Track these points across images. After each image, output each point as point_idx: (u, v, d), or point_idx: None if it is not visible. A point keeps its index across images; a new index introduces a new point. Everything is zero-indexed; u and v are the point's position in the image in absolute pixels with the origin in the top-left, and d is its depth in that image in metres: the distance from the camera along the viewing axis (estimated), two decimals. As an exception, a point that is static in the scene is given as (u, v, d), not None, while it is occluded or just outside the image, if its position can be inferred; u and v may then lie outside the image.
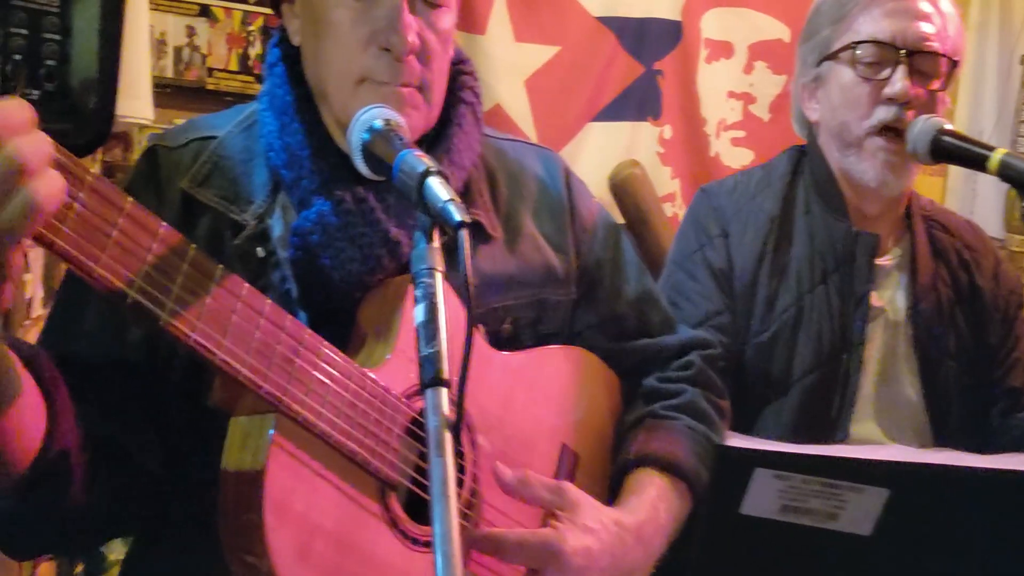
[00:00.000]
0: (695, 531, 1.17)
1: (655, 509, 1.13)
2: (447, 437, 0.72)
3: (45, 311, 2.05)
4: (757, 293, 1.51)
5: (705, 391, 1.27)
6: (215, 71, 2.97)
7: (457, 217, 0.78)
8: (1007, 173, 1.35)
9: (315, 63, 1.08)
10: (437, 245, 0.80)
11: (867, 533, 1.08)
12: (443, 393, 0.74)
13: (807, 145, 1.61)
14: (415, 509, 1.00)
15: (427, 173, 0.82)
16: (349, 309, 1.04)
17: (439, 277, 0.79)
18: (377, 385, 0.97)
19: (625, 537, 1.07)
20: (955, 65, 1.50)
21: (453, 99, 1.16)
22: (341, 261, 1.03)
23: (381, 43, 1.03)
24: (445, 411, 0.73)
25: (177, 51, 2.94)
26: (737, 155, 3.10)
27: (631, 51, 2.99)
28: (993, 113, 3.42)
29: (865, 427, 1.50)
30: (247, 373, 0.86)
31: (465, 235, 0.78)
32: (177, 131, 1.15)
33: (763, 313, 1.51)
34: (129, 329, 1.04)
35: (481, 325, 1.12)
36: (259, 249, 1.05)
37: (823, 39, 1.53)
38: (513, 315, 1.17)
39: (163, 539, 1.08)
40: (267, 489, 0.88)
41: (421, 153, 0.86)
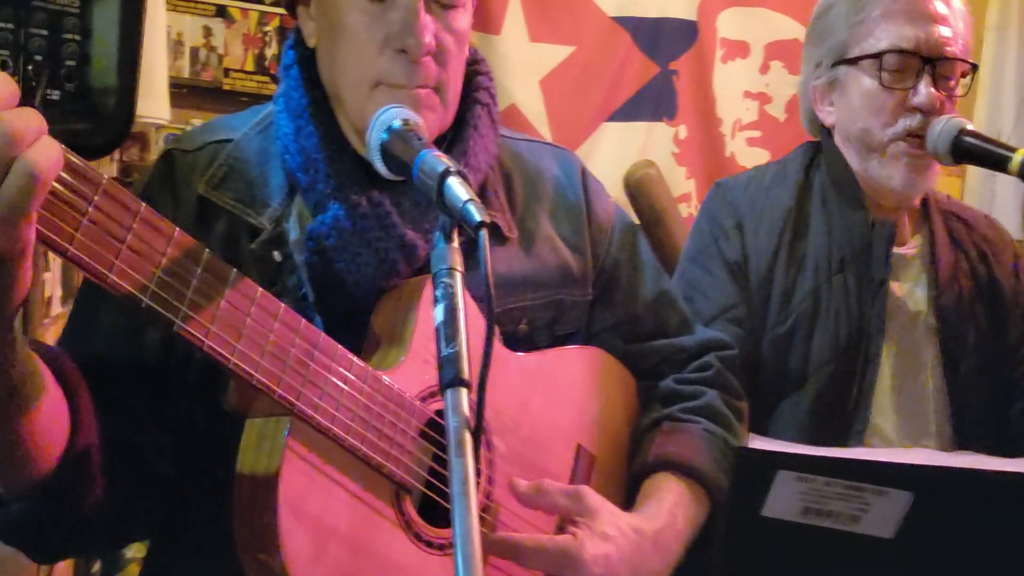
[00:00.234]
0: (714, 534, 1.16)
1: (673, 515, 1.12)
2: (467, 438, 0.71)
3: (64, 310, 2.07)
4: (773, 285, 1.51)
5: (723, 393, 1.26)
6: (231, 71, 2.99)
7: (478, 217, 0.78)
8: (1030, 174, 1.34)
9: (330, 66, 1.08)
10: (457, 245, 0.80)
11: (889, 536, 1.07)
12: (463, 394, 0.74)
13: (822, 141, 1.60)
14: (429, 512, 1.01)
15: (447, 173, 0.82)
16: (364, 313, 1.04)
17: (459, 277, 0.78)
18: (392, 388, 0.97)
19: (643, 544, 1.07)
20: (975, 69, 1.50)
21: (468, 100, 1.16)
22: (356, 265, 1.03)
23: (397, 45, 1.03)
24: (465, 412, 0.73)
25: (194, 51, 2.96)
26: (753, 155, 3.09)
27: (646, 51, 2.98)
28: (1012, 114, 3.39)
29: (884, 420, 1.49)
30: (261, 377, 0.86)
31: (485, 235, 0.77)
32: (193, 134, 1.15)
33: (780, 305, 1.50)
34: (145, 332, 1.04)
35: (497, 326, 1.12)
36: (276, 253, 1.05)
37: (838, 43, 1.52)
38: (529, 316, 1.17)
39: (179, 539, 1.09)
40: (282, 492, 0.88)
41: (440, 153, 0.86)
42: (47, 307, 2.03)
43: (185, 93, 2.83)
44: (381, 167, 0.95)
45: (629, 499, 1.18)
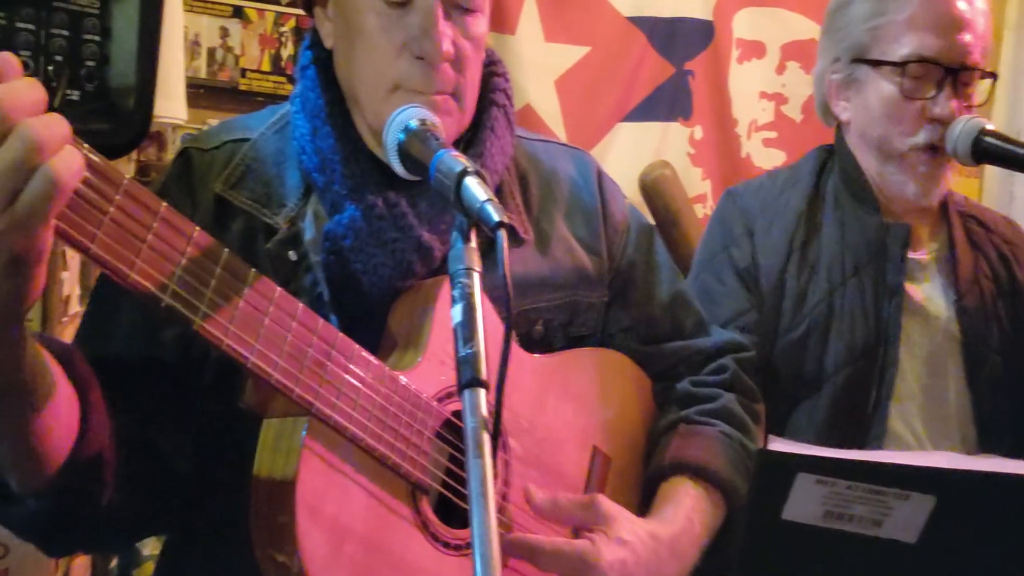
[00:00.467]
0: (731, 538, 1.16)
1: (690, 520, 1.12)
2: (485, 439, 0.71)
3: (82, 309, 2.08)
4: (786, 290, 1.50)
5: (740, 396, 1.26)
6: (248, 72, 3.00)
7: (496, 217, 0.78)
8: (1051, 175, 1.33)
9: (348, 68, 1.08)
10: (474, 245, 0.80)
11: (912, 541, 1.06)
12: (481, 394, 0.74)
13: (835, 140, 1.60)
14: (446, 512, 1.00)
15: (465, 173, 0.82)
16: (380, 313, 1.04)
17: (476, 277, 0.78)
18: (408, 388, 0.97)
19: (660, 550, 1.06)
20: (994, 79, 1.49)
21: (485, 101, 1.15)
22: (373, 266, 1.03)
23: (415, 51, 1.03)
24: (483, 413, 0.73)
25: (210, 52, 2.97)
26: (769, 156, 3.07)
27: (662, 51, 2.97)
28: (1032, 113, 3.35)
29: (903, 425, 1.47)
30: (279, 376, 0.86)
31: (503, 235, 0.77)
32: (211, 133, 1.16)
33: (793, 310, 1.49)
34: (162, 330, 1.04)
35: (512, 328, 1.11)
36: (291, 253, 1.05)
37: (857, 41, 1.50)
38: (545, 317, 1.17)
39: (195, 537, 1.09)
40: (299, 492, 0.88)
41: (458, 153, 0.86)
42: (65, 306, 2.04)
43: (202, 93, 2.84)
44: (398, 167, 0.95)
45: (645, 502, 1.17)
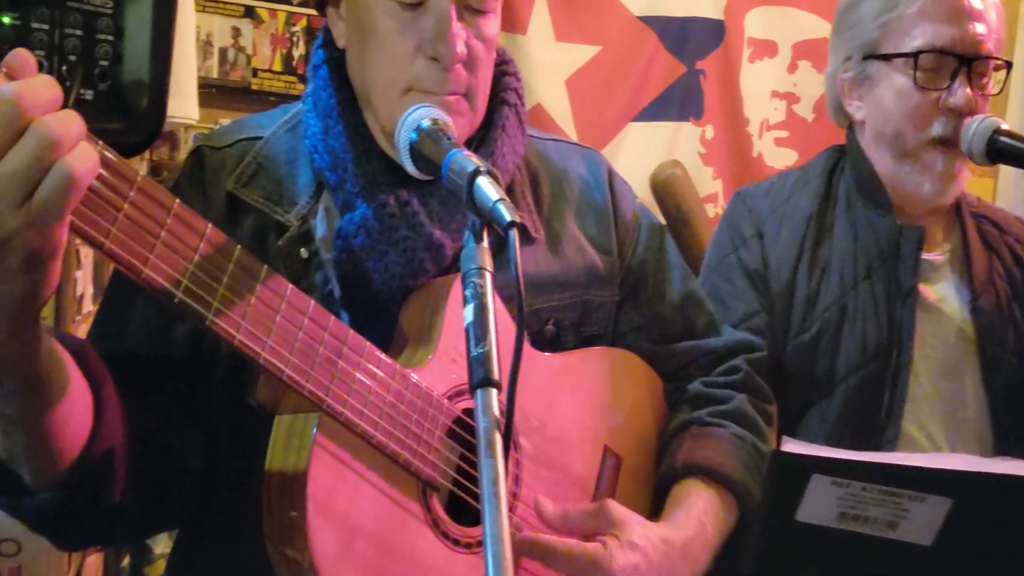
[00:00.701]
0: (743, 541, 1.15)
1: (702, 524, 1.11)
2: (497, 438, 0.71)
3: (95, 308, 2.09)
4: (796, 292, 1.49)
5: (752, 397, 1.25)
6: (259, 71, 3.01)
7: (508, 217, 0.78)
8: (1067, 174, 1.32)
9: (360, 69, 1.08)
10: (486, 245, 0.80)
11: (928, 543, 1.05)
12: (493, 394, 0.74)
13: (846, 140, 1.59)
14: (456, 510, 1.01)
15: (477, 173, 0.82)
16: (391, 310, 1.05)
17: (488, 277, 0.78)
18: (419, 385, 0.97)
19: (672, 554, 1.06)
20: (1009, 67, 1.48)
21: (496, 100, 1.16)
22: (384, 264, 1.03)
23: (429, 53, 1.03)
24: (495, 412, 0.73)
25: (222, 52, 2.99)
26: (780, 155, 3.06)
27: (673, 50, 2.97)
28: (1047, 112, 3.32)
29: (918, 428, 1.46)
30: (291, 372, 0.87)
31: (515, 235, 0.77)
32: (223, 131, 1.16)
33: (804, 312, 1.48)
34: (174, 327, 1.05)
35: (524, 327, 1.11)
36: (302, 250, 1.06)
37: (868, 38, 1.49)
38: (556, 316, 1.17)
39: (206, 533, 1.10)
40: (310, 488, 0.88)
41: (470, 153, 0.86)
42: (79, 305, 2.06)
43: (214, 93, 2.86)
44: (410, 167, 0.95)
45: (656, 503, 1.17)
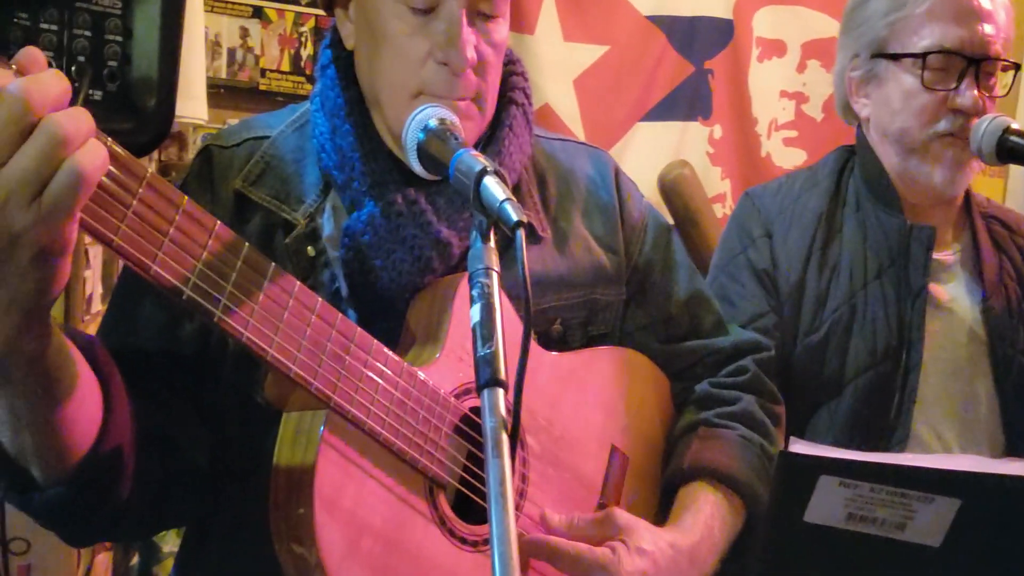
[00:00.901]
0: (751, 543, 1.15)
1: (709, 528, 1.11)
2: (504, 438, 0.72)
3: (104, 308, 2.10)
4: (806, 292, 1.49)
5: (760, 398, 1.25)
6: (267, 72, 3.02)
7: (515, 217, 0.78)
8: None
9: (370, 70, 1.09)
10: (493, 245, 0.81)
11: (936, 545, 1.05)
12: (500, 394, 0.74)
13: (856, 139, 1.58)
14: (463, 508, 1.01)
15: (484, 172, 0.82)
16: (398, 309, 1.05)
17: (495, 277, 0.79)
18: (427, 383, 0.97)
19: (680, 560, 1.06)
20: (1017, 69, 1.48)
21: (504, 100, 1.16)
22: (392, 262, 1.03)
23: (440, 58, 1.03)
24: (502, 412, 0.73)
25: (231, 52, 3.00)
26: (789, 155, 3.05)
27: (681, 50, 2.96)
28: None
29: (928, 429, 1.46)
30: (298, 370, 0.87)
31: (522, 235, 0.78)
32: (231, 131, 1.17)
33: (813, 312, 1.48)
34: (182, 324, 1.06)
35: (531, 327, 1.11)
36: (309, 248, 1.06)
37: (876, 36, 1.49)
38: (563, 315, 1.17)
39: (213, 531, 1.10)
40: (317, 485, 0.89)
41: (477, 152, 0.86)
42: (88, 304, 2.07)
43: (222, 93, 2.87)
44: (417, 166, 0.96)
45: (663, 504, 1.17)
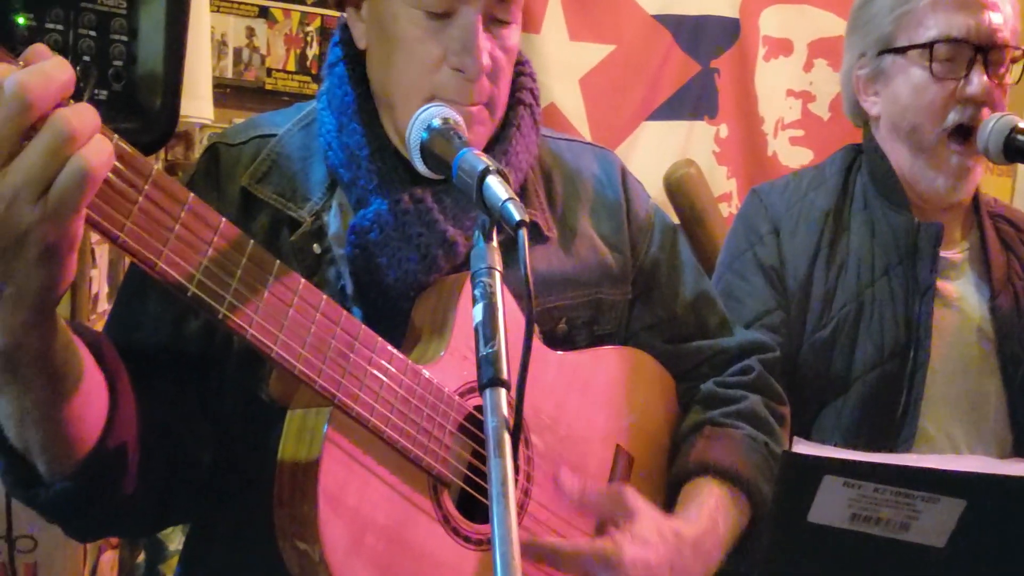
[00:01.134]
0: (755, 541, 1.15)
1: (714, 521, 1.11)
2: (506, 438, 0.72)
3: (111, 306, 2.10)
4: (813, 290, 1.48)
5: (765, 397, 1.25)
6: (273, 71, 3.03)
7: (517, 216, 0.78)
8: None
9: (382, 72, 1.09)
10: (496, 244, 0.81)
11: (941, 545, 1.04)
12: (502, 394, 0.74)
13: (863, 137, 1.58)
14: (467, 507, 1.01)
15: (487, 172, 0.82)
16: (403, 307, 1.05)
17: (498, 276, 0.79)
18: (431, 382, 0.97)
19: (683, 549, 1.06)
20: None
21: (512, 100, 1.16)
22: (398, 260, 1.03)
23: (454, 64, 1.03)
24: (504, 412, 0.73)
25: (237, 52, 3.00)
26: (796, 154, 3.04)
27: (687, 49, 2.96)
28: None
29: (936, 427, 1.45)
30: (302, 367, 0.87)
31: (524, 234, 0.78)
32: (238, 129, 1.17)
33: (820, 310, 1.48)
34: (188, 321, 1.06)
35: (536, 325, 1.11)
36: (315, 246, 1.06)
37: (884, 31, 1.49)
38: (568, 315, 1.17)
39: (218, 527, 1.10)
40: (321, 482, 0.89)
41: (480, 152, 0.87)
42: (94, 303, 2.07)
43: (228, 93, 2.88)
44: (420, 165, 0.96)
45: (668, 503, 1.17)
